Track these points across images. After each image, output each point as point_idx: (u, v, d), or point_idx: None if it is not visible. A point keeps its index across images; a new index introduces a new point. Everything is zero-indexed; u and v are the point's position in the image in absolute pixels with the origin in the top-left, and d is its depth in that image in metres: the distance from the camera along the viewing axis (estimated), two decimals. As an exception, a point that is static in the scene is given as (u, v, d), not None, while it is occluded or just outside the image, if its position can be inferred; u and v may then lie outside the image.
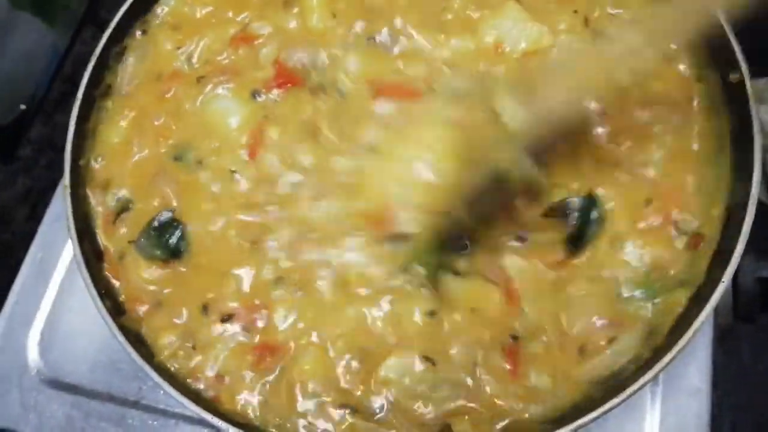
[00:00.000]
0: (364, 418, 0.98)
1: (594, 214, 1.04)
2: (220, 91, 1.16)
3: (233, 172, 1.11)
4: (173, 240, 1.09)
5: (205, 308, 1.05)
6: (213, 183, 1.11)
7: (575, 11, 1.15)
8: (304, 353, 1.01)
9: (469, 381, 0.98)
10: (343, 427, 0.98)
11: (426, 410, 0.97)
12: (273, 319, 1.03)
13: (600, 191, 1.05)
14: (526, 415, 0.97)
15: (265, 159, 1.11)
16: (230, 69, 1.18)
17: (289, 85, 1.15)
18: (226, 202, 1.10)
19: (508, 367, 0.99)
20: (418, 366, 0.98)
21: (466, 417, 0.97)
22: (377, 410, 0.98)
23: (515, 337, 1.00)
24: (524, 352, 1.00)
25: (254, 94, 1.15)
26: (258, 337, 1.03)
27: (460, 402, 0.98)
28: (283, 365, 1.01)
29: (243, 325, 1.04)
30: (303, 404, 0.99)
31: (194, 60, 1.20)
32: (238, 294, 1.05)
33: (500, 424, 0.97)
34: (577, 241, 1.03)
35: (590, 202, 1.05)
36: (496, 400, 0.98)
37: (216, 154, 1.13)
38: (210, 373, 1.02)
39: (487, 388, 0.98)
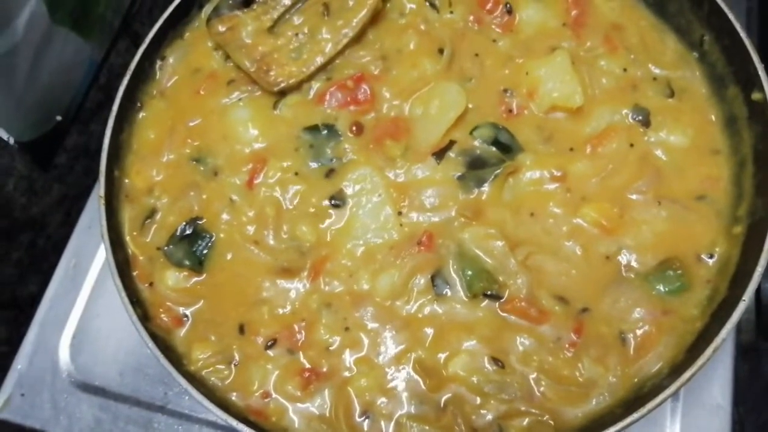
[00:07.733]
0: (420, 420, 0.98)
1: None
2: (242, 98, 1.18)
3: (232, 200, 1.11)
4: (202, 251, 1.09)
5: (241, 328, 1.05)
6: (222, 202, 1.12)
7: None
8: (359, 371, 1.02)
9: (532, 383, 0.99)
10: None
11: (485, 412, 0.98)
12: (318, 339, 1.04)
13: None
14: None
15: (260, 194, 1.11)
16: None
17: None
18: (239, 227, 1.10)
19: (574, 337, 1.00)
20: (488, 366, 1.00)
21: (522, 421, 0.97)
22: (441, 406, 0.99)
23: (585, 309, 1.02)
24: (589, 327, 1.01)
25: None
26: (302, 355, 1.03)
27: (520, 406, 0.98)
28: (335, 383, 1.01)
29: (288, 348, 1.04)
30: (359, 416, 1.00)
31: (229, 61, 1.21)
32: (274, 315, 1.05)
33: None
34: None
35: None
36: (548, 405, 0.98)
37: (229, 167, 1.13)
38: (256, 390, 1.02)
39: (544, 390, 0.99)
